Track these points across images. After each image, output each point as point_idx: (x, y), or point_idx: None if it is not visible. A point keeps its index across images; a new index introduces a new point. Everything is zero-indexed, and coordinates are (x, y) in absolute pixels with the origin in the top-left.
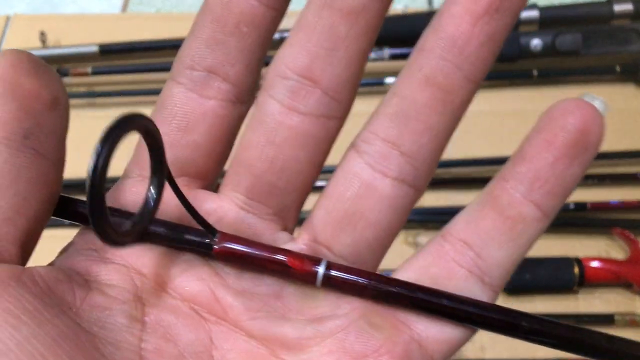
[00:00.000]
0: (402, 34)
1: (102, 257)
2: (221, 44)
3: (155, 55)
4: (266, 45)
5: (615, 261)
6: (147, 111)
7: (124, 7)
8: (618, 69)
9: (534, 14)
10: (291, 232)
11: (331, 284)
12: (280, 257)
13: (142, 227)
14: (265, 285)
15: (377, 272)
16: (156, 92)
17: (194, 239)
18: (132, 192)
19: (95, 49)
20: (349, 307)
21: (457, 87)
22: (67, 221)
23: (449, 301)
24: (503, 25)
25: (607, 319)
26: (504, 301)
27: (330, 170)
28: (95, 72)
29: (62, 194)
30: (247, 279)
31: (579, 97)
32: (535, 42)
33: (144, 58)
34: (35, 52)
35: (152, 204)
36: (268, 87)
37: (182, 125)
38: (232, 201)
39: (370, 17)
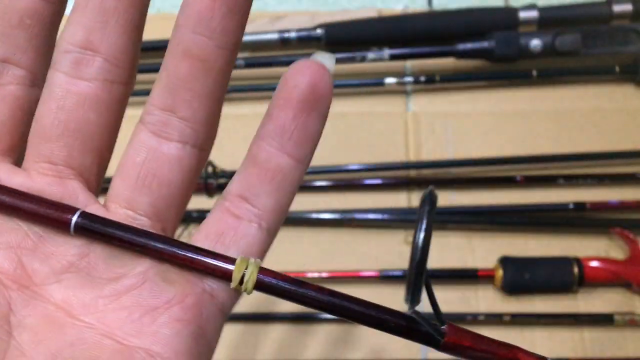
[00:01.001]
0: (401, 35)
1: None
2: (10, 36)
3: (156, 55)
4: (52, 33)
5: (615, 261)
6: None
7: None
8: (617, 69)
9: (533, 14)
10: (96, 193)
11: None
12: (509, 351)
13: (414, 285)
14: (73, 246)
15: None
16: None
17: (423, 330)
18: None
19: None
20: (146, 265)
21: (212, 56)
22: None
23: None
24: None
25: (607, 319)
26: (504, 301)
27: (333, 171)
28: None
29: None
30: (57, 243)
31: (310, 57)
32: (535, 43)
33: (144, 58)
34: None
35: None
36: (54, 63)
37: None
38: (36, 171)
39: None
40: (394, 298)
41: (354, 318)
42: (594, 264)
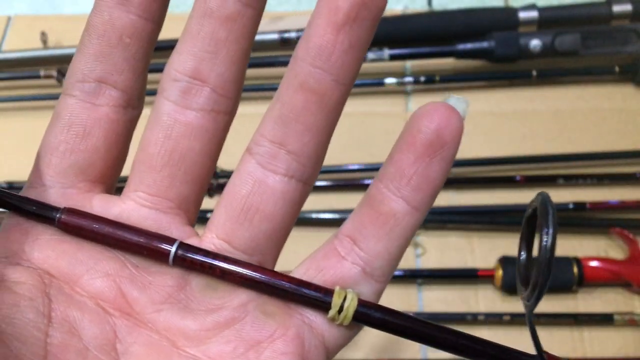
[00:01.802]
0: (401, 35)
1: (13, 261)
2: (107, 56)
3: (156, 55)
4: (149, 52)
5: (614, 261)
6: (147, 111)
7: None
8: (617, 69)
9: (533, 14)
10: (193, 223)
11: (226, 278)
12: None
13: (543, 284)
14: (170, 277)
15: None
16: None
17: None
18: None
19: None
20: (244, 297)
21: (329, 90)
22: None
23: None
24: (363, 31)
25: (606, 319)
26: (503, 301)
27: (333, 171)
28: None
29: None
30: (154, 273)
31: (444, 100)
32: (535, 43)
33: None
34: (36, 53)
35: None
36: (162, 90)
37: (79, 132)
38: (133, 201)
39: (245, 21)
40: (393, 297)
41: (452, 349)
42: (594, 263)
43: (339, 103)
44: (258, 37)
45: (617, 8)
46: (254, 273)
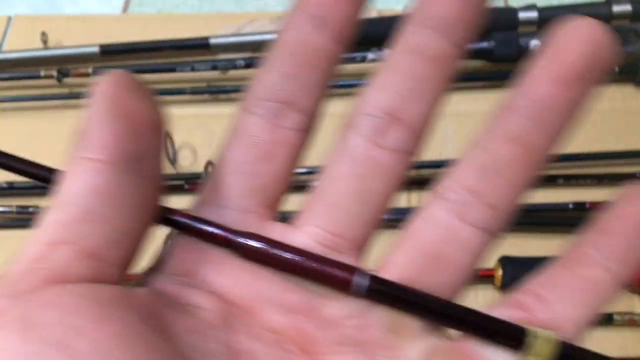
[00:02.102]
0: None
1: (192, 283)
2: (296, 77)
3: (156, 56)
4: (331, 77)
5: None
6: None
7: (125, 7)
8: (617, 69)
9: (533, 14)
10: (360, 264)
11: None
12: None
13: None
14: (352, 315)
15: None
16: (157, 93)
17: None
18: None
19: (96, 49)
20: (428, 346)
21: (540, 146)
22: None
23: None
24: (589, 89)
25: (606, 319)
26: None
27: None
28: (97, 73)
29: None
30: (334, 307)
31: None
32: (535, 43)
33: (145, 59)
34: (36, 53)
35: None
36: (354, 124)
37: (263, 154)
38: (310, 237)
39: (450, 62)
40: None
41: None
42: None
43: (546, 159)
44: (258, 37)
45: (617, 8)
46: (456, 310)
